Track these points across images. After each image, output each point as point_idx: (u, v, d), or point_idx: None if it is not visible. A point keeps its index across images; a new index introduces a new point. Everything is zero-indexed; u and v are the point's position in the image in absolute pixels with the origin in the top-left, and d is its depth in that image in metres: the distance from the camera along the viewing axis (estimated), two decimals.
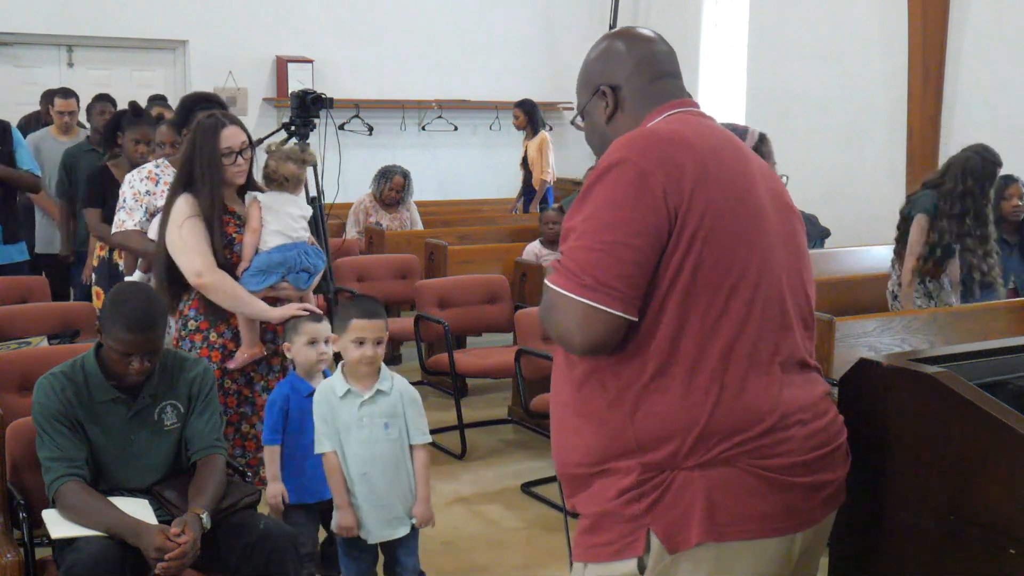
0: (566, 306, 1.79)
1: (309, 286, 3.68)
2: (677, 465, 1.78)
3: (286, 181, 3.65)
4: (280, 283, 3.56)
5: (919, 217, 4.94)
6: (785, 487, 1.81)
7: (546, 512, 4.49)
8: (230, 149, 3.51)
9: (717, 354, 1.78)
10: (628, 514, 1.81)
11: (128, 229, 4.08)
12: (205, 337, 3.56)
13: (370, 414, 3.14)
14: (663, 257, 1.77)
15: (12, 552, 2.82)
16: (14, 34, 8.45)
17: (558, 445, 1.96)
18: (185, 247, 3.48)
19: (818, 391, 1.92)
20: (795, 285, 1.93)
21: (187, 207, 3.49)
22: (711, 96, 9.75)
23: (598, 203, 1.80)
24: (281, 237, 3.58)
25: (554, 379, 1.99)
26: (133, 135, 4.93)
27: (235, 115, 3.72)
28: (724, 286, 1.79)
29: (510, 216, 8.58)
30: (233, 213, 3.60)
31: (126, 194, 4.11)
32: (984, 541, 1.89)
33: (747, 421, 1.78)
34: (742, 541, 1.79)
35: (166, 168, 4.14)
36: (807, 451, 1.83)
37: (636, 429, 1.80)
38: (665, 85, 2.01)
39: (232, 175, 3.55)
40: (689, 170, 1.80)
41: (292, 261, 3.57)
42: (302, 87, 6.83)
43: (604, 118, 2.02)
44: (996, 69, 7.15)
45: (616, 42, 2.04)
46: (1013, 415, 1.87)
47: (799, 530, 1.85)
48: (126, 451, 2.94)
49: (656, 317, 1.79)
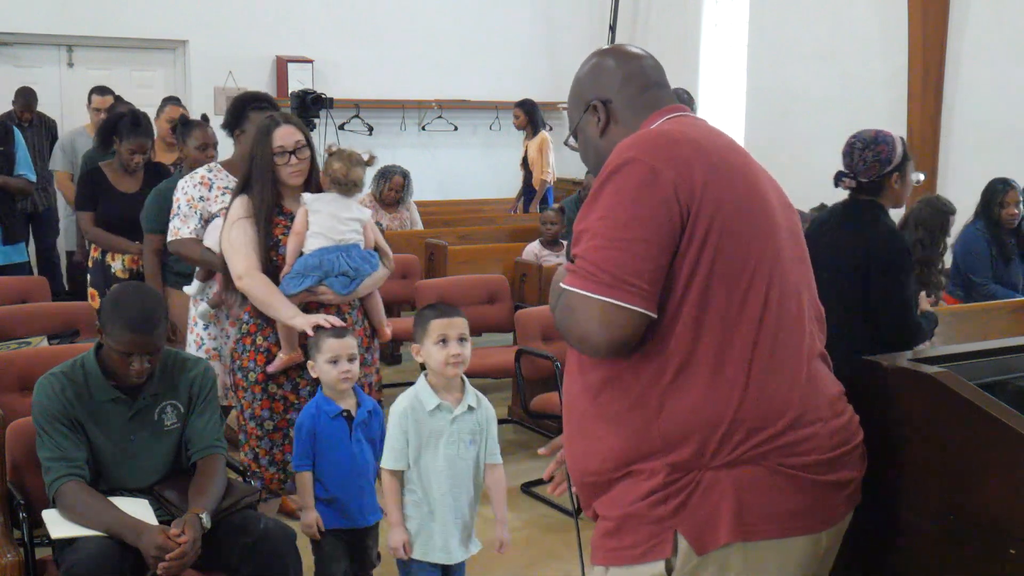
0: (586, 306, 1.77)
1: (351, 291, 3.49)
2: (704, 465, 1.78)
3: (343, 184, 3.51)
4: (318, 287, 3.42)
5: None
6: (810, 485, 1.81)
7: (546, 512, 4.49)
8: (283, 149, 3.44)
9: (741, 348, 1.79)
10: (654, 516, 1.80)
11: (183, 237, 3.98)
12: (253, 340, 3.50)
13: (459, 430, 3.01)
14: (678, 252, 1.78)
15: (12, 552, 2.82)
16: (14, 34, 8.44)
17: (576, 455, 1.95)
18: (232, 249, 3.45)
19: (835, 389, 1.93)
20: (806, 279, 1.94)
21: (240, 209, 3.46)
22: (711, 96, 9.74)
23: (609, 203, 1.80)
24: (322, 239, 3.44)
25: (567, 389, 1.98)
26: (130, 145, 4.92)
27: (293, 115, 3.63)
28: (742, 279, 1.80)
29: (510, 216, 8.58)
30: (288, 215, 3.51)
31: (180, 201, 4.01)
32: (984, 541, 1.89)
33: (771, 415, 1.79)
34: (770, 540, 1.80)
35: (219, 172, 4.07)
36: (830, 449, 1.84)
37: (662, 428, 1.79)
38: (656, 94, 2.03)
39: (286, 175, 3.47)
40: (698, 166, 1.81)
41: (330, 264, 3.42)
42: (302, 87, 6.85)
43: (597, 132, 2.03)
44: (996, 69, 7.15)
45: (604, 58, 2.06)
46: (1013, 415, 1.87)
47: (825, 528, 1.86)
48: (126, 451, 2.94)
49: (675, 313, 1.78)
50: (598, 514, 1.93)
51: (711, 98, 9.74)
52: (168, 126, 5.65)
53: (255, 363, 3.48)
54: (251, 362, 3.48)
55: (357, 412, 3.22)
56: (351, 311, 3.55)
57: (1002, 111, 7.09)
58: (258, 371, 3.46)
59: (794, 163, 8.61)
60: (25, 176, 5.84)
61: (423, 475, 2.99)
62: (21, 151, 5.87)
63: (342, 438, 3.18)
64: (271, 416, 3.47)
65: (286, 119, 3.52)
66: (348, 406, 3.21)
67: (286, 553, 2.89)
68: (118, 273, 4.89)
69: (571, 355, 1.96)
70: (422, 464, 2.99)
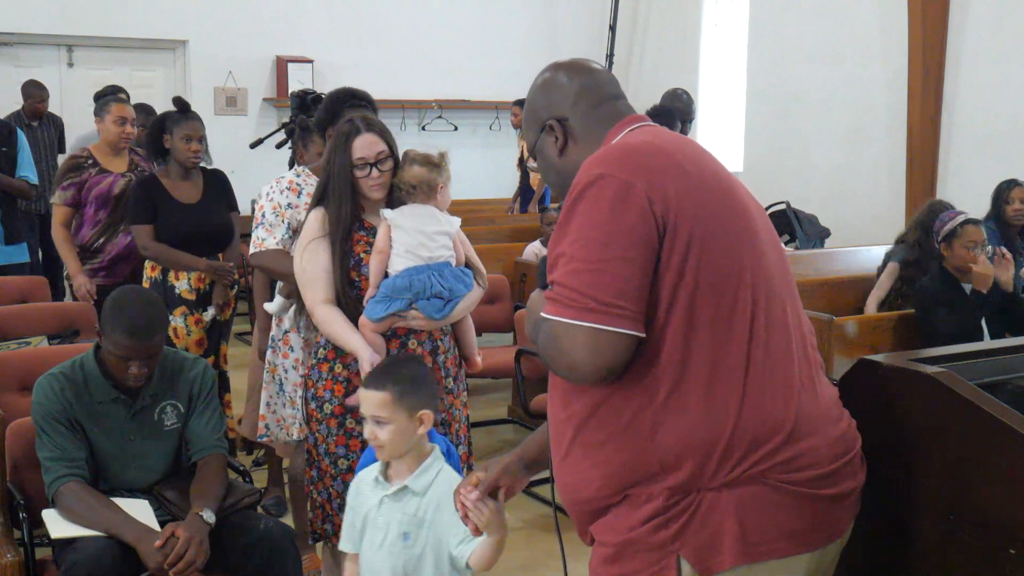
0: (570, 335, 1.69)
1: (445, 316, 3.06)
2: (703, 486, 1.73)
3: (413, 189, 3.08)
4: (408, 311, 3.01)
5: (891, 265, 5.27)
6: (813, 501, 1.77)
7: (546, 512, 4.49)
8: (363, 160, 3.07)
9: (734, 361, 1.73)
10: (655, 541, 1.75)
11: (269, 248, 3.56)
12: (331, 368, 3.10)
13: (387, 517, 2.50)
14: (659, 267, 1.71)
15: (12, 552, 2.83)
16: (14, 34, 8.45)
17: (568, 485, 1.88)
18: (304, 278, 3.10)
19: (829, 392, 1.89)
20: (789, 285, 1.88)
21: (315, 226, 3.10)
22: (711, 96, 9.75)
23: (582, 224, 1.73)
24: (410, 258, 3.03)
25: (553, 416, 1.91)
26: (183, 132, 4.37)
27: (379, 120, 3.25)
28: (728, 289, 1.74)
29: (510, 216, 8.57)
30: (370, 229, 3.13)
31: (265, 209, 3.60)
32: (984, 541, 1.88)
33: (768, 429, 1.73)
34: (775, 560, 1.76)
35: (308, 177, 3.67)
36: (830, 461, 1.79)
37: (658, 450, 1.73)
38: (614, 106, 1.95)
39: (367, 189, 3.10)
40: (670, 175, 1.74)
41: (420, 286, 3.00)
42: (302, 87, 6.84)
43: (556, 152, 1.95)
44: (996, 69, 7.15)
45: (556, 74, 1.99)
46: (1013, 415, 1.87)
47: (829, 542, 1.83)
48: (126, 451, 2.94)
49: (662, 331, 1.72)
50: (595, 539, 1.86)
51: (711, 98, 9.74)
52: (118, 128, 4.87)
53: (332, 393, 3.09)
54: (327, 392, 3.09)
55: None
56: (443, 337, 3.18)
57: (1002, 111, 7.09)
58: (335, 403, 3.08)
59: (794, 163, 8.62)
60: (27, 178, 5.84)
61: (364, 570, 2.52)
62: (24, 153, 5.86)
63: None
64: (347, 454, 3.08)
65: (368, 125, 3.14)
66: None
67: (286, 553, 2.89)
68: (184, 294, 4.37)
69: (554, 382, 1.88)
70: (363, 556, 2.53)
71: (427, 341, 3.11)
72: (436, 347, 3.14)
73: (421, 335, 3.10)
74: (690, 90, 7.24)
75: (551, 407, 1.91)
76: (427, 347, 3.13)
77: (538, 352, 1.82)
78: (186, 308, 4.37)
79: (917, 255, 5.09)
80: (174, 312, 4.31)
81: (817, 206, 7.52)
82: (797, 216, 7.14)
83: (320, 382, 3.11)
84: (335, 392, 3.09)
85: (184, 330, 4.35)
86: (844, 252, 6.29)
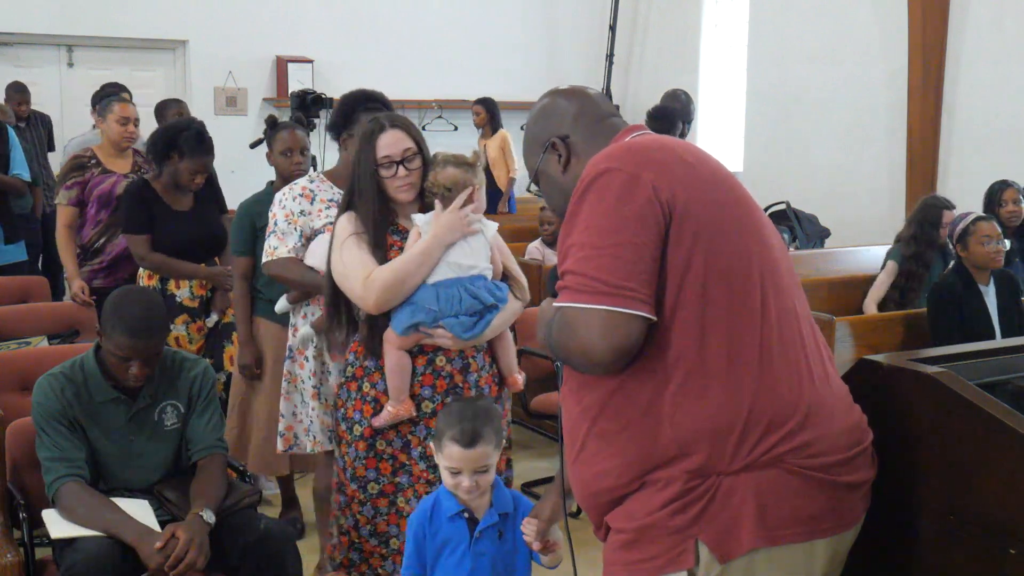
0: (584, 318, 1.73)
1: (475, 335, 2.86)
2: (721, 470, 1.75)
3: (448, 192, 2.85)
4: (435, 328, 2.83)
5: (889, 264, 5.34)
6: (829, 486, 1.79)
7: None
8: (388, 159, 2.91)
9: (749, 346, 1.76)
10: (673, 526, 1.76)
11: (281, 257, 3.41)
12: (359, 387, 2.97)
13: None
14: (667, 253, 1.75)
15: (12, 552, 2.83)
16: (14, 34, 8.45)
17: (583, 478, 1.89)
18: (346, 271, 2.89)
19: (841, 384, 1.92)
20: (794, 279, 1.93)
21: (348, 225, 2.93)
22: (711, 96, 9.75)
23: (590, 213, 1.77)
24: (445, 269, 2.84)
25: (566, 412, 1.93)
26: (193, 166, 4.29)
27: (404, 117, 3.10)
28: (738, 276, 1.78)
29: (510, 216, 8.57)
30: (403, 232, 2.96)
31: (277, 216, 3.46)
32: (984, 541, 1.89)
33: (783, 413, 1.76)
34: (793, 544, 1.77)
35: (321, 183, 3.50)
36: (846, 448, 1.82)
37: (676, 434, 1.76)
38: (612, 122, 2.02)
39: (394, 190, 2.94)
40: (675, 168, 1.80)
41: (446, 302, 2.81)
42: (302, 87, 6.83)
43: (560, 169, 2.01)
44: (996, 69, 7.15)
45: (553, 99, 2.06)
46: (1013, 415, 1.87)
47: (845, 530, 1.85)
48: (126, 451, 2.94)
49: (672, 316, 1.76)
50: (611, 527, 1.87)
51: (711, 98, 9.74)
52: (121, 128, 4.85)
53: (361, 414, 2.95)
54: (356, 412, 2.95)
55: (485, 514, 2.56)
56: (476, 355, 2.99)
57: (1002, 111, 7.09)
58: (364, 424, 2.94)
59: (794, 163, 8.62)
60: (20, 176, 5.84)
61: None
62: (16, 151, 5.86)
63: (459, 544, 2.55)
64: (377, 478, 2.95)
65: (392, 122, 2.97)
66: (476, 505, 2.56)
67: (286, 553, 2.88)
68: (185, 302, 4.33)
69: (567, 380, 1.91)
70: None
71: (457, 359, 2.95)
72: (467, 365, 2.97)
73: (450, 352, 2.93)
74: (690, 90, 7.24)
75: (565, 407, 1.94)
76: (456, 365, 2.95)
77: (551, 349, 1.85)
78: (188, 316, 4.34)
79: (915, 249, 5.17)
80: (175, 321, 4.28)
81: (817, 206, 7.51)
82: (797, 216, 7.14)
83: (349, 402, 2.99)
84: (364, 413, 2.94)
85: (186, 338, 4.32)
86: (844, 252, 6.30)
